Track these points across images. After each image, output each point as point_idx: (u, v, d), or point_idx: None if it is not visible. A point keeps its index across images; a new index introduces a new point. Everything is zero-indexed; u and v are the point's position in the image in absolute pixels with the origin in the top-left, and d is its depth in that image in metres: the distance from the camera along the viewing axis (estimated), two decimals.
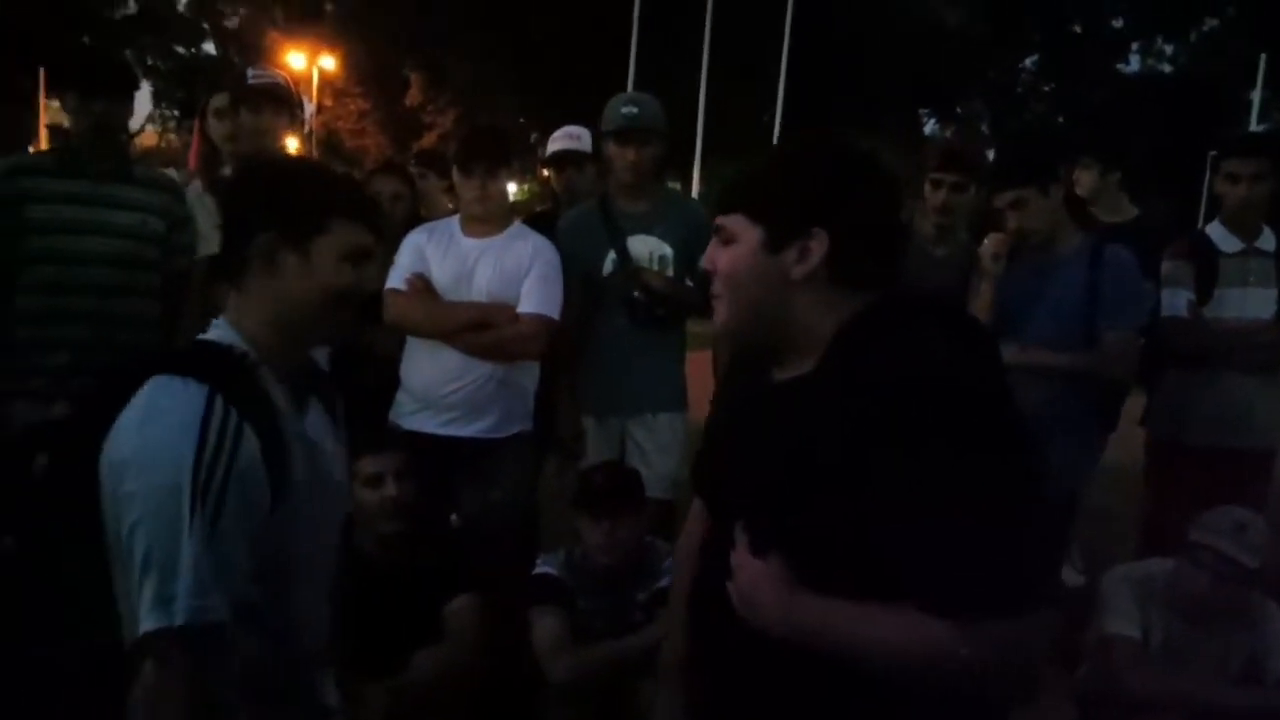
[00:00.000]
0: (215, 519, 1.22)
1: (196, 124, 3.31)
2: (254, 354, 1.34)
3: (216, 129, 3.13)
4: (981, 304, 2.81)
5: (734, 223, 1.20)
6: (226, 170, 3.10)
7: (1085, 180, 3.88)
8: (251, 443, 1.26)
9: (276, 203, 1.37)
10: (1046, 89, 26.01)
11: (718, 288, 1.22)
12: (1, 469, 1.55)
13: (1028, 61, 25.70)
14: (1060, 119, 24.10)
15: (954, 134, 24.59)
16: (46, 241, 2.62)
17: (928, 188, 3.39)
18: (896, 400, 1.04)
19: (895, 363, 1.08)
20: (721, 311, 1.23)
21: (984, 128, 25.55)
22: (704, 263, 1.26)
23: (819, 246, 1.15)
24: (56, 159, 2.76)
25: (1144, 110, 20.72)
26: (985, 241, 2.84)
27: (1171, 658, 2.50)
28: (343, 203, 1.38)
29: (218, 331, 1.37)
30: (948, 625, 1.02)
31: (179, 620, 1.19)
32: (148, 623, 1.19)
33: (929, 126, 25.96)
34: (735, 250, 1.19)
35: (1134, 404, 3.24)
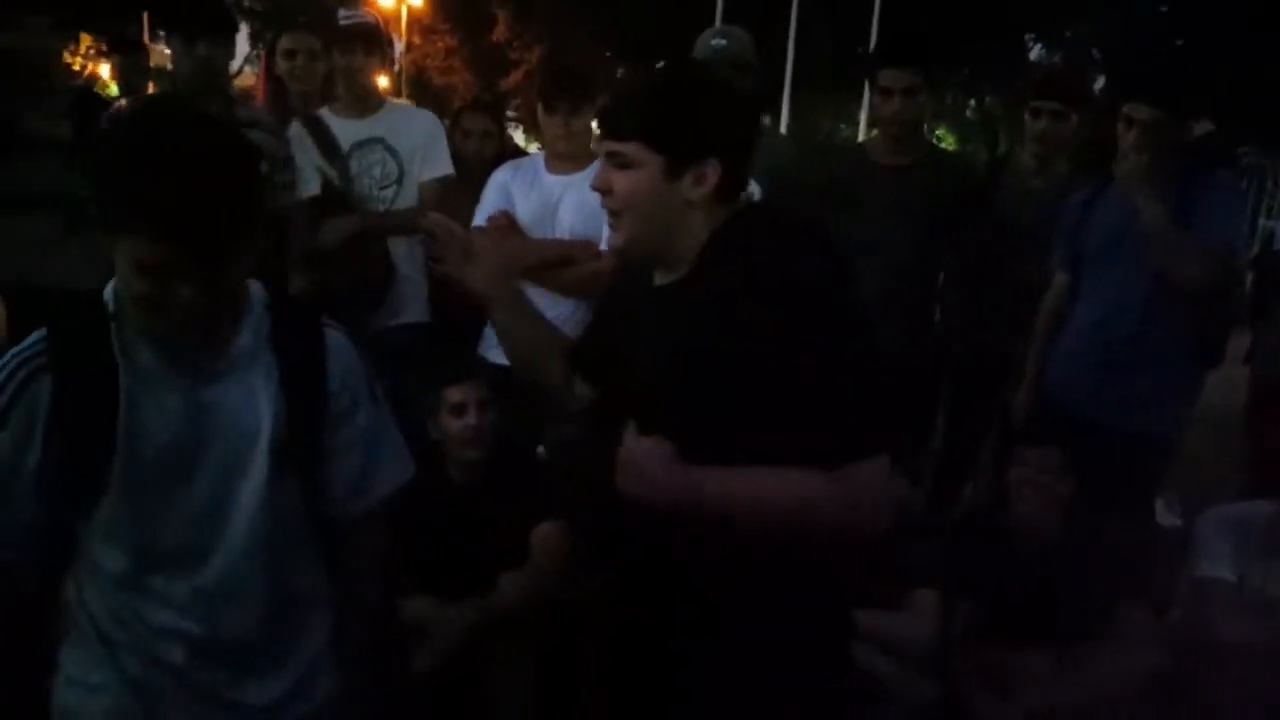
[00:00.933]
0: None
1: (262, 61, 3.38)
2: (115, 307, 1.28)
3: (284, 67, 3.20)
4: None
5: (632, 150, 1.31)
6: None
7: None
8: (40, 390, 1.24)
9: (101, 188, 1.20)
10: (1163, 9, 24.31)
11: (616, 208, 1.35)
12: None
13: None
14: (1179, 42, 22.56)
15: (1061, 60, 23.23)
16: None
17: (1027, 116, 3.26)
18: (763, 301, 1.23)
19: (759, 270, 1.27)
20: (621, 232, 1.36)
21: (1095, 53, 24.07)
22: (596, 184, 1.38)
23: (713, 173, 1.31)
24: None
25: (1275, 33, 19.23)
26: None
27: (1269, 605, 2.43)
28: (137, 211, 1.15)
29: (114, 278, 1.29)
30: (817, 473, 1.22)
31: None
32: None
33: (1035, 52, 24.55)
34: (634, 176, 1.31)
35: (1239, 343, 3.09)
